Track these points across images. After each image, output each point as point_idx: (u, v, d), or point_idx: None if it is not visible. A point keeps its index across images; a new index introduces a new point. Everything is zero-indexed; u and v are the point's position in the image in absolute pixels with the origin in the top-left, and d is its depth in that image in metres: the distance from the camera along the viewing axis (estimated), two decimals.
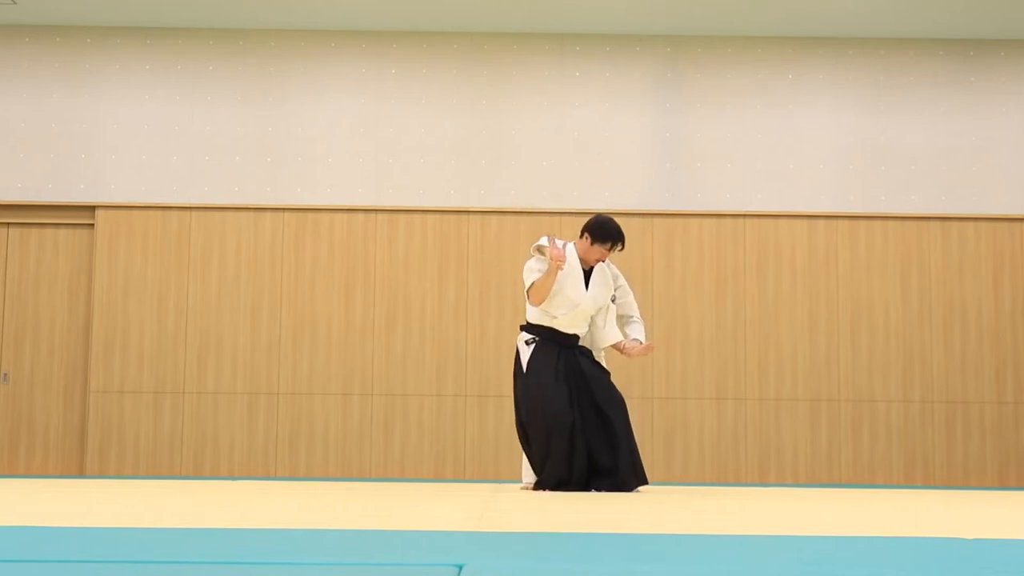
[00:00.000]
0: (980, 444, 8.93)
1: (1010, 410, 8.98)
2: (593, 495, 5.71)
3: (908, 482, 8.86)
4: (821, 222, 9.11)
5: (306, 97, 9.17)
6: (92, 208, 9.04)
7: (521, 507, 4.39)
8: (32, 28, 9.16)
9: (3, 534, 2.91)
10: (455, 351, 8.91)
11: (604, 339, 6.30)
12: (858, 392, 8.95)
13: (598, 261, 6.26)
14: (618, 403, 6.17)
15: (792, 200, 9.12)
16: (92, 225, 9.05)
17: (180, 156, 9.10)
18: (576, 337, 6.24)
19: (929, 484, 8.85)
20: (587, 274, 6.25)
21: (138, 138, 9.11)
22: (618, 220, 5.99)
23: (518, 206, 9.05)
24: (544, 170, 9.11)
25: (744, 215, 9.09)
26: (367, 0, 8.76)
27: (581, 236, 6.23)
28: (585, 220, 6.34)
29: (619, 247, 6.22)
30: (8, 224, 9.08)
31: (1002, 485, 8.89)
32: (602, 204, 8.94)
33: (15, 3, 8.77)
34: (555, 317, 6.18)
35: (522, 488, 6.25)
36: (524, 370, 6.19)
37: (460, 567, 2.21)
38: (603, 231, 6.18)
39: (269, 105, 9.15)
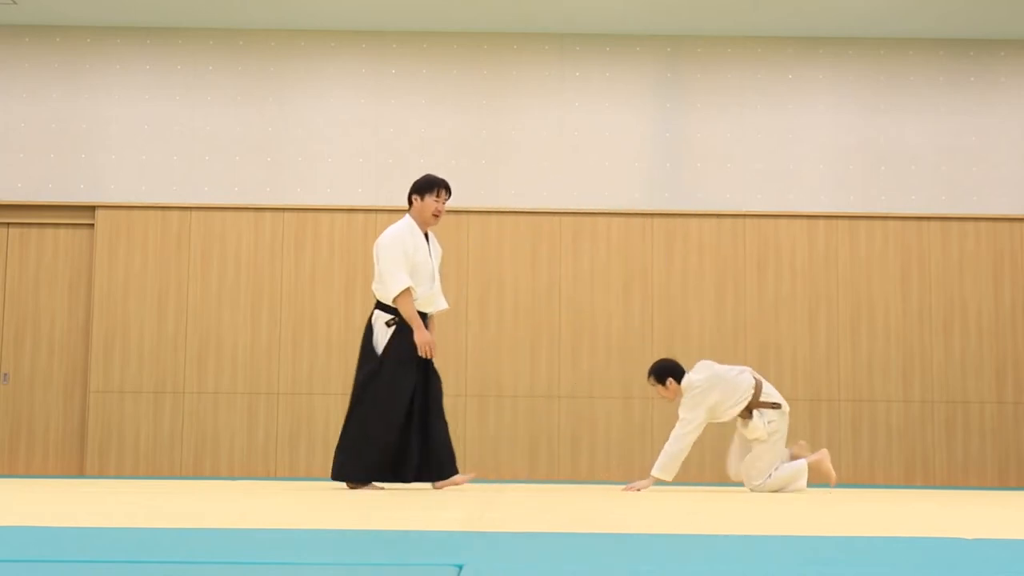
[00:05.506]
0: (980, 444, 8.93)
1: (1010, 410, 8.97)
2: (596, 495, 5.71)
3: (908, 482, 8.86)
4: (821, 222, 9.11)
5: (306, 97, 9.16)
6: (92, 208, 9.04)
7: (521, 507, 4.39)
8: (32, 28, 9.16)
9: (3, 534, 2.91)
10: (455, 351, 8.91)
11: (440, 304, 6.40)
12: (858, 392, 8.95)
13: (436, 216, 6.30)
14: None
15: (792, 200, 9.12)
16: (92, 225, 9.05)
17: (180, 156, 9.10)
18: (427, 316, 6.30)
19: (929, 484, 8.85)
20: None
21: (138, 138, 9.11)
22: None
23: (518, 206, 9.04)
24: (544, 170, 9.10)
25: (744, 215, 9.09)
26: (367, 0, 8.76)
27: (411, 203, 6.29)
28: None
29: (448, 192, 6.32)
30: (8, 224, 9.08)
31: (1002, 485, 8.89)
32: (602, 204, 8.94)
33: (15, 3, 8.76)
34: (417, 298, 6.21)
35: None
36: (381, 351, 6.17)
37: (460, 567, 2.21)
38: (428, 180, 6.29)
39: (269, 105, 9.15)
